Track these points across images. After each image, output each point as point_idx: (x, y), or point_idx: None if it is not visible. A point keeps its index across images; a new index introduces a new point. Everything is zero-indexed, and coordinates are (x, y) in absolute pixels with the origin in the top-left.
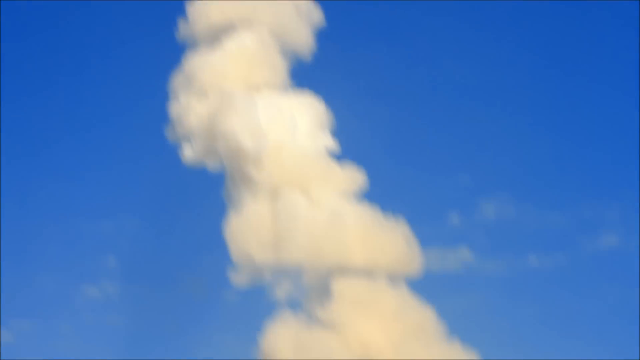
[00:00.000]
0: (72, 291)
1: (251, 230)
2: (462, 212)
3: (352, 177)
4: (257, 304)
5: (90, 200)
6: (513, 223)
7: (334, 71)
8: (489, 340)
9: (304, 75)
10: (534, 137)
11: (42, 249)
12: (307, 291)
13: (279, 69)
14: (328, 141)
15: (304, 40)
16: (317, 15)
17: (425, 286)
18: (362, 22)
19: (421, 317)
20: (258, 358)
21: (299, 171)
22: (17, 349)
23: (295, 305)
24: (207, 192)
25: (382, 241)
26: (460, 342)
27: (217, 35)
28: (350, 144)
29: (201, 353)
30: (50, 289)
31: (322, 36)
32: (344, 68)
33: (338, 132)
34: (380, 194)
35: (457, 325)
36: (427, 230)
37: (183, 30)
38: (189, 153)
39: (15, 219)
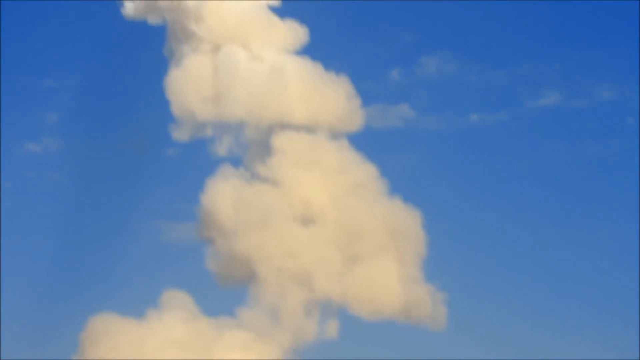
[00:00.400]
0: (14, 148)
1: (192, 85)
2: (403, 70)
3: (294, 32)
4: (198, 160)
5: (30, 58)
6: (454, 80)
7: None
8: (430, 198)
9: None
10: None
11: None
12: (248, 147)
13: None
14: None
15: None
16: None
17: (367, 143)
18: None
19: (362, 173)
20: (199, 214)
21: (240, 26)
22: None
23: (236, 160)
24: (148, 47)
25: (323, 97)
26: (401, 199)
27: None
28: (292, 0)
29: (143, 209)
30: None
31: None
32: None
33: None
34: (322, 51)
35: (399, 182)
36: (368, 87)
37: None
38: (130, 8)
39: None
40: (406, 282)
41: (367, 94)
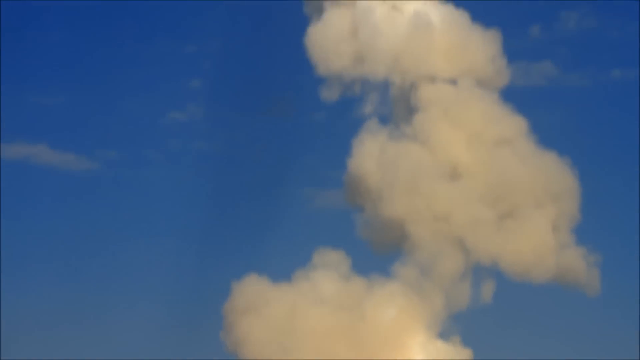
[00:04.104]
0: (158, 117)
1: (334, 43)
2: (543, 25)
3: None
4: (345, 121)
5: (171, 23)
6: (595, 35)
7: None
8: (581, 153)
9: None
10: None
11: (126, 75)
12: (393, 103)
13: None
14: None
15: None
16: None
17: (512, 99)
18: None
19: (511, 127)
20: (346, 180)
21: None
22: (104, 179)
23: (383, 118)
24: (288, 6)
25: (470, 51)
26: (554, 154)
27: None
28: None
29: (290, 176)
30: (136, 116)
31: None
32: None
33: None
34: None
35: (549, 137)
36: (509, 42)
37: None
38: None
39: (96, 47)
40: (559, 243)
41: (509, 49)
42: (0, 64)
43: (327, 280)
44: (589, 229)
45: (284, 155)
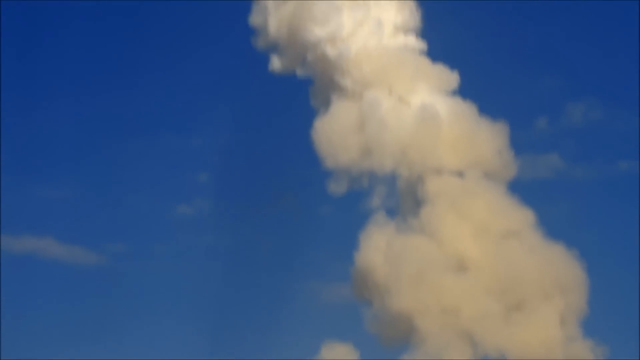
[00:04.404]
0: (165, 211)
1: (341, 137)
2: (550, 117)
3: (444, 76)
4: (352, 215)
5: (178, 117)
6: (601, 127)
7: None
8: (590, 246)
9: None
10: (621, 39)
11: (133, 168)
12: (401, 196)
13: None
14: (415, 42)
15: None
16: None
17: (518, 192)
18: None
19: (518, 220)
20: (353, 274)
21: (388, 73)
22: (112, 273)
23: (390, 211)
24: (295, 101)
25: (477, 143)
26: (561, 246)
27: None
28: (439, 45)
29: (298, 270)
30: (143, 210)
31: None
32: None
33: (426, 33)
34: (473, 94)
35: (556, 230)
36: (515, 134)
37: None
38: (276, 62)
39: (102, 140)
40: (567, 336)
41: (515, 142)
42: (1, 157)
43: None
44: (596, 321)
45: (292, 249)
